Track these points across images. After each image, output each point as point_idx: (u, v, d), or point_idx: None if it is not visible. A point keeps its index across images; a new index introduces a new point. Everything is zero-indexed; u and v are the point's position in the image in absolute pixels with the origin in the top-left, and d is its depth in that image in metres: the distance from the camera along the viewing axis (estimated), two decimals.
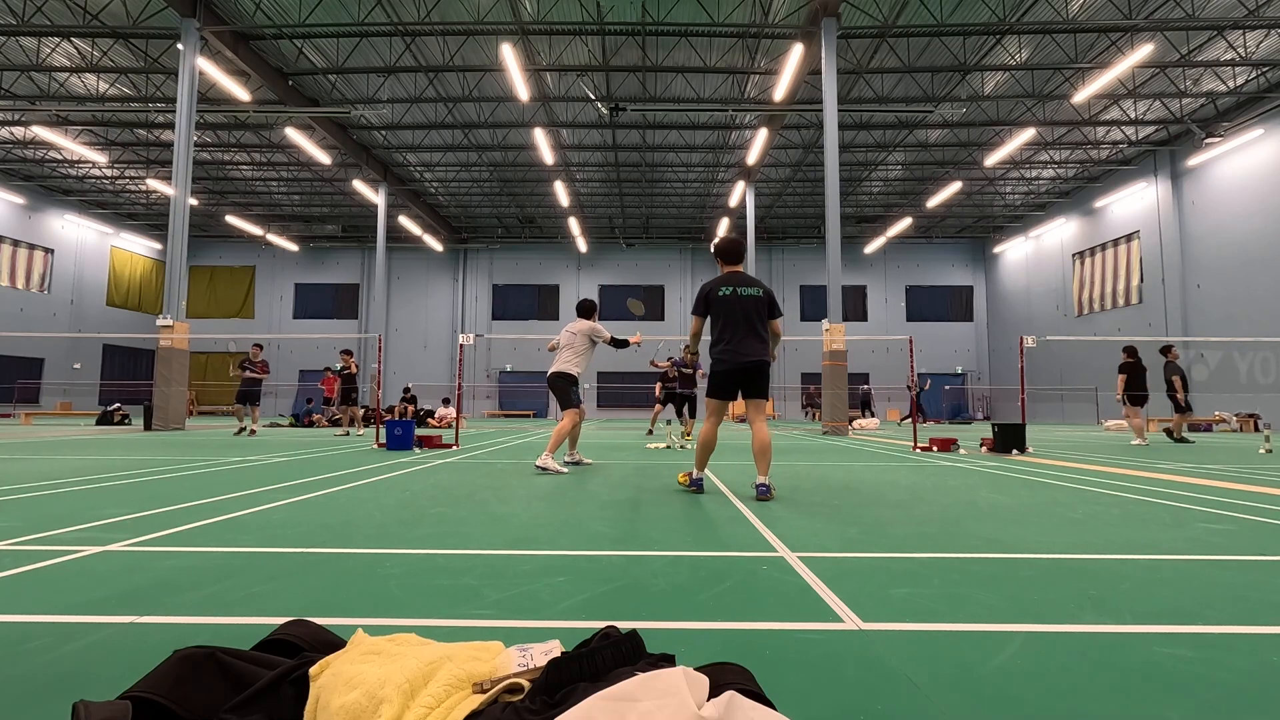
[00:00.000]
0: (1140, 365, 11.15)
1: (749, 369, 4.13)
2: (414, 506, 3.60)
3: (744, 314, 4.15)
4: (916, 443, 8.90)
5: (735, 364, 4.12)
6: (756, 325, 4.17)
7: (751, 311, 4.16)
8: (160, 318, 13.03)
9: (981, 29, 14.94)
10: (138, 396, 25.33)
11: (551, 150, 20.21)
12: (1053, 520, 3.29)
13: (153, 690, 0.86)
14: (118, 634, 1.57)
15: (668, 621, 1.70)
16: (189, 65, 13.67)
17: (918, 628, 1.66)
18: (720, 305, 4.20)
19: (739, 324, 4.14)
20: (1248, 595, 1.98)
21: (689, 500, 3.96)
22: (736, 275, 4.28)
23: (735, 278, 4.25)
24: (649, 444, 9.69)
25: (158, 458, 6.55)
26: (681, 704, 0.71)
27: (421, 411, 19.57)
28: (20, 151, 22.24)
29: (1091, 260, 24.86)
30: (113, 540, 2.62)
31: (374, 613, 1.75)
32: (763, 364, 4.14)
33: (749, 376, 4.16)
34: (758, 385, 4.18)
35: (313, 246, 32.51)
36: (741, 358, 4.11)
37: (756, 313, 4.18)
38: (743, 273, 4.31)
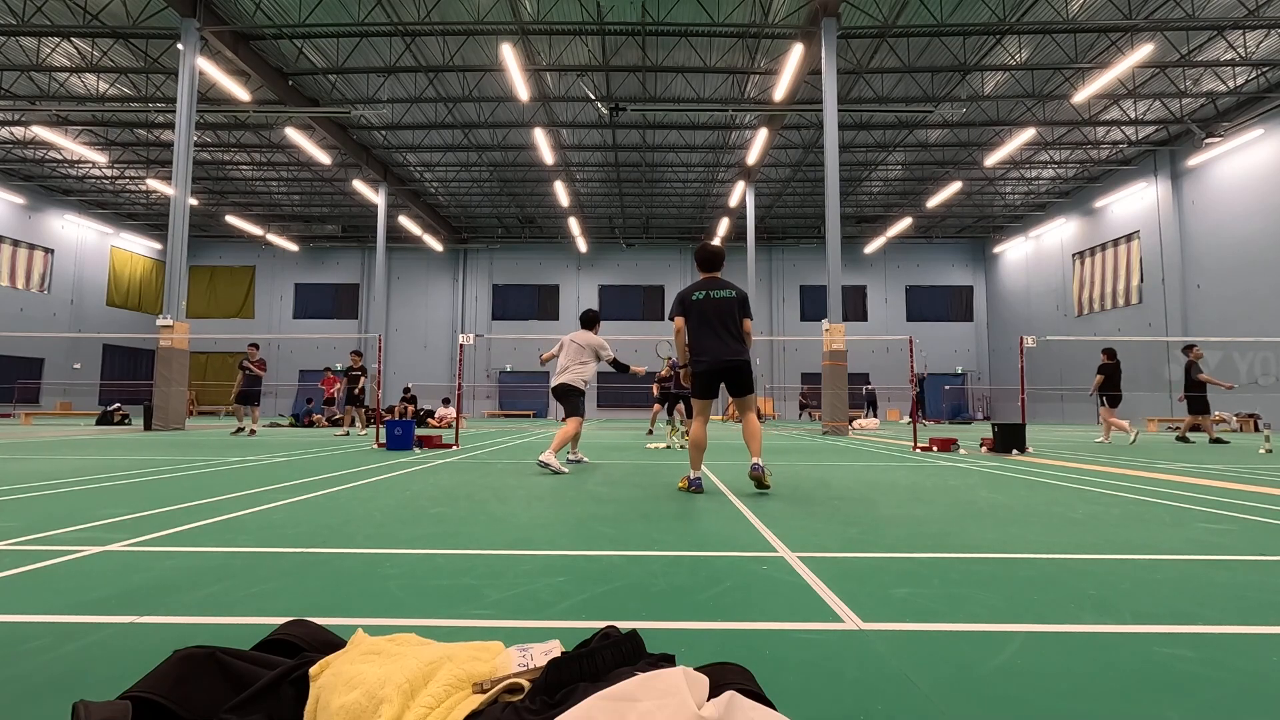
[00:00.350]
0: (1119, 367, 11.14)
1: (728, 368, 4.41)
2: (414, 506, 3.60)
3: (718, 316, 4.44)
4: (916, 443, 8.90)
5: (714, 363, 4.41)
6: (730, 326, 4.44)
7: (725, 313, 4.44)
8: (160, 318, 13.03)
9: (981, 29, 14.94)
10: (138, 396, 25.34)
11: (551, 150, 20.22)
12: (1053, 520, 3.29)
13: (153, 690, 0.86)
14: (118, 634, 1.57)
15: (668, 621, 1.70)
16: (189, 65, 13.68)
17: (918, 628, 1.66)
18: (695, 309, 4.48)
19: (714, 325, 4.44)
20: (1248, 595, 1.97)
21: (689, 500, 3.96)
22: (711, 280, 4.57)
23: (709, 283, 4.55)
24: (649, 444, 9.69)
25: (158, 458, 6.55)
26: (681, 704, 0.71)
27: (421, 411, 19.58)
28: (20, 151, 22.25)
29: (1091, 260, 24.86)
30: (113, 540, 2.62)
31: (374, 613, 1.75)
32: (742, 362, 4.41)
33: (730, 375, 4.44)
34: (740, 383, 4.47)
35: (313, 246, 32.51)
36: (719, 357, 4.39)
37: (730, 314, 4.45)
38: (718, 278, 4.60)
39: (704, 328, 4.43)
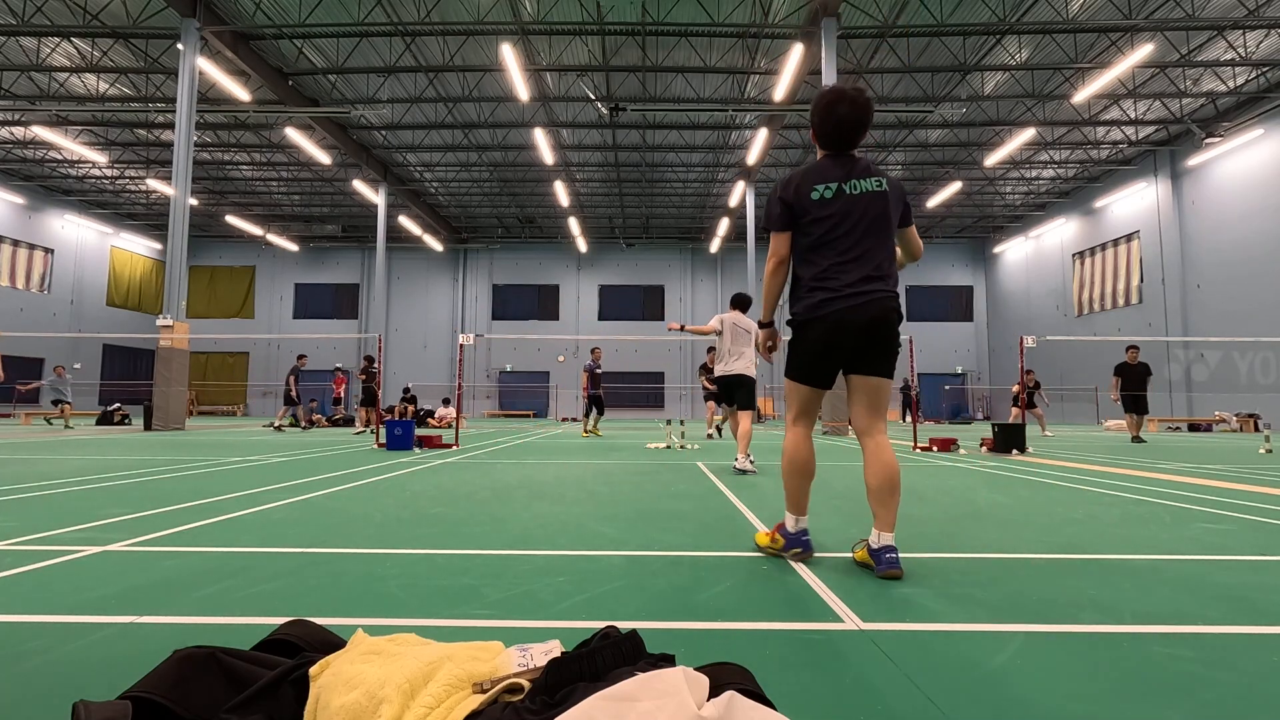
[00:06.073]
0: (1131, 366, 11.56)
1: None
2: (414, 506, 3.60)
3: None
4: (916, 443, 8.89)
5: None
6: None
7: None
8: (160, 318, 13.03)
9: (981, 29, 14.94)
10: (138, 396, 25.32)
11: (551, 150, 20.21)
12: (1053, 520, 3.29)
13: (153, 690, 0.86)
14: (118, 634, 1.57)
15: (668, 621, 1.70)
16: (189, 65, 13.68)
17: (918, 628, 1.66)
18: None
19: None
20: (1248, 595, 1.97)
21: (689, 500, 3.96)
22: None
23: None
24: (649, 444, 9.69)
25: (158, 458, 6.55)
26: (681, 704, 0.71)
27: (421, 411, 19.58)
28: (20, 151, 22.23)
29: (1091, 260, 24.85)
30: (113, 540, 2.62)
31: (374, 613, 1.75)
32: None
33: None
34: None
35: (313, 246, 32.49)
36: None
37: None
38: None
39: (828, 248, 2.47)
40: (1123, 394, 11.63)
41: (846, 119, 2.38)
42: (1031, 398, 14.27)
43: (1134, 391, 11.47)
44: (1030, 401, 13.74)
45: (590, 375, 12.77)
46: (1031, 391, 14.41)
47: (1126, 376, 11.56)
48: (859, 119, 2.38)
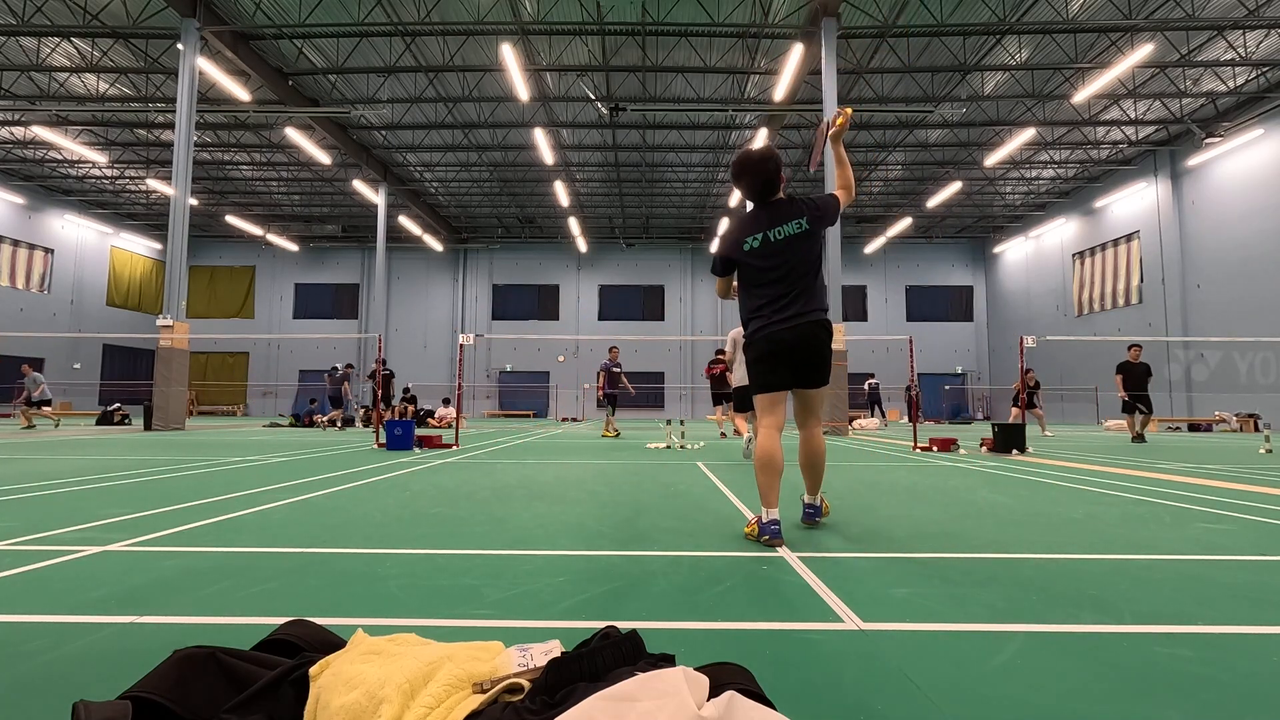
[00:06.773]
0: (1132, 365, 11.58)
1: (747, 390, 5.97)
2: (414, 506, 3.60)
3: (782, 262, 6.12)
4: (916, 443, 8.89)
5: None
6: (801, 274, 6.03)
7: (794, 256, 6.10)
8: (160, 318, 13.03)
9: (981, 29, 14.94)
10: (138, 396, 25.31)
11: (551, 150, 20.21)
12: (1053, 520, 3.29)
13: (153, 690, 0.86)
14: (118, 634, 1.57)
15: (668, 621, 1.70)
16: (189, 65, 13.68)
17: (918, 628, 1.66)
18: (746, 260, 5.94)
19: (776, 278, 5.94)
20: (1248, 595, 1.97)
21: (689, 500, 3.96)
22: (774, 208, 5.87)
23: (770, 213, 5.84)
24: (649, 444, 9.69)
25: (158, 458, 6.55)
26: (681, 704, 0.71)
27: (421, 411, 19.58)
28: (20, 151, 22.23)
29: (1091, 260, 24.86)
30: (113, 540, 2.62)
31: (374, 613, 1.75)
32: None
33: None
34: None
35: (313, 246, 32.49)
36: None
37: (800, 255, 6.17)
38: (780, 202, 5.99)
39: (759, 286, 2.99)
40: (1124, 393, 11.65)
41: (753, 184, 2.92)
42: (1032, 398, 14.34)
43: (1136, 390, 11.48)
44: (1030, 401, 13.81)
45: (608, 374, 12.79)
46: (1032, 391, 14.49)
47: (1128, 374, 11.57)
48: (766, 180, 2.89)
